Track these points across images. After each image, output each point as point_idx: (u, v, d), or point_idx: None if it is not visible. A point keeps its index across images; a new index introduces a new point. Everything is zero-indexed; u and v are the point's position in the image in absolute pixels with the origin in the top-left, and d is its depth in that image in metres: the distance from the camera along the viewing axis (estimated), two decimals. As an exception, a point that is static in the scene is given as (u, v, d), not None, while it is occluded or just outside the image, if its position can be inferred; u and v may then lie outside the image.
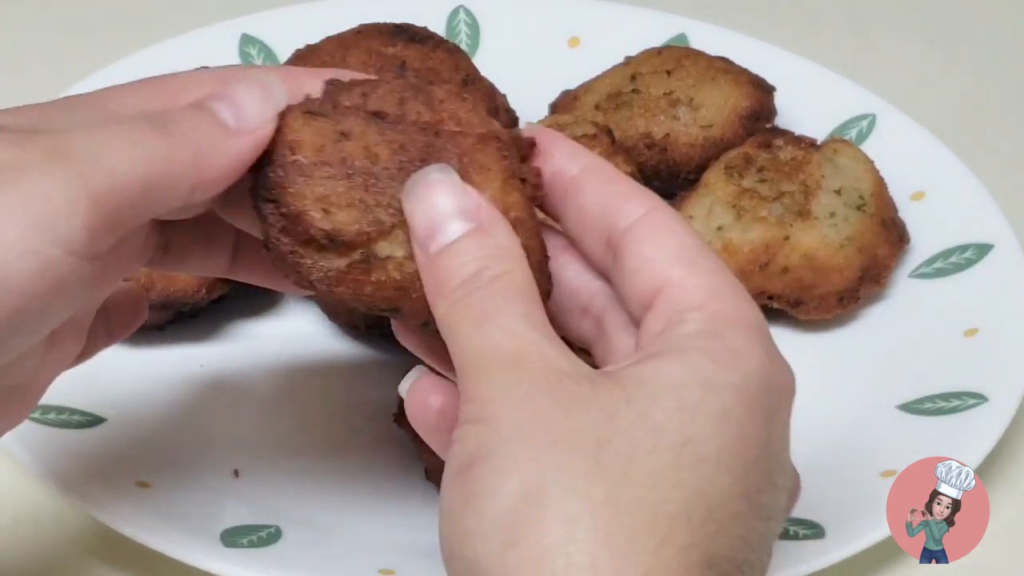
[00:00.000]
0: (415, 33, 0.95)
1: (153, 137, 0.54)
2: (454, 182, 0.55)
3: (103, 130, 0.54)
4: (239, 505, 0.76)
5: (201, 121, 0.55)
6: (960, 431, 0.80)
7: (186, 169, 0.54)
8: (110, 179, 0.52)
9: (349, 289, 0.56)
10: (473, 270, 0.54)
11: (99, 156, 0.52)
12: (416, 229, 0.55)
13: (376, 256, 0.55)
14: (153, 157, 0.53)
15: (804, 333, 0.91)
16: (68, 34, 1.14)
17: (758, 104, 0.97)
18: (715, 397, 0.51)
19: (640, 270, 0.55)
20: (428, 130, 0.57)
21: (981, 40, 1.19)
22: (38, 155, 0.52)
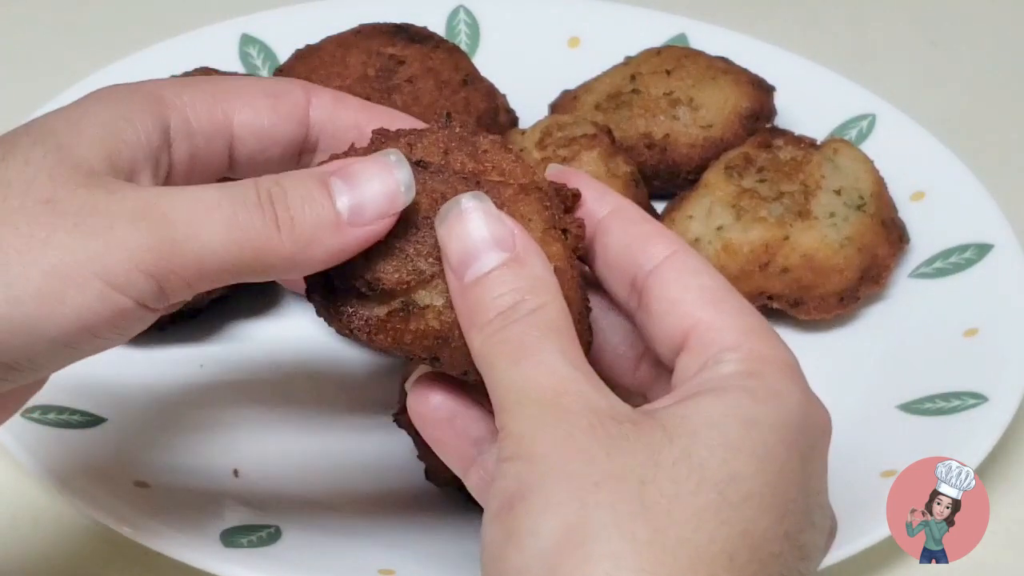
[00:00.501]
0: (415, 33, 0.95)
1: (256, 218, 0.53)
2: (489, 210, 0.55)
3: (206, 198, 0.53)
4: (239, 505, 0.76)
5: (315, 208, 0.54)
6: (960, 431, 0.80)
7: (280, 255, 0.54)
8: (199, 251, 0.53)
9: (389, 337, 0.56)
10: (509, 302, 0.54)
11: (194, 227, 0.53)
12: (450, 256, 0.54)
13: (416, 305, 0.55)
14: (251, 241, 0.53)
15: (804, 333, 0.91)
16: (68, 34, 1.14)
17: (758, 104, 0.97)
18: (757, 434, 0.51)
19: (669, 312, 0.56)
20: (470, 179, 0.57)
21: (981, 40, 1.19)
22: (130, 208, 0.53)
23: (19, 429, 0.76)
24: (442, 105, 0.91)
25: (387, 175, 0.55)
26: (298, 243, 0.54)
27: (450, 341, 0.56)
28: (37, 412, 0.77)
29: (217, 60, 0.98)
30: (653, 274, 0.57)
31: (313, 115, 0.61)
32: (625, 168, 0.92)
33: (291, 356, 0.86)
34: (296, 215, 0.54)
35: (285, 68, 0.95)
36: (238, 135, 0.60)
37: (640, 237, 0.58)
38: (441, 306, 0.55)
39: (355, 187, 0.54)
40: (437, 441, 0.58)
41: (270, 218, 0.53)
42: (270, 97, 0.60)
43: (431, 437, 0.58)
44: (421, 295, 0.56)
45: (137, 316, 0.54)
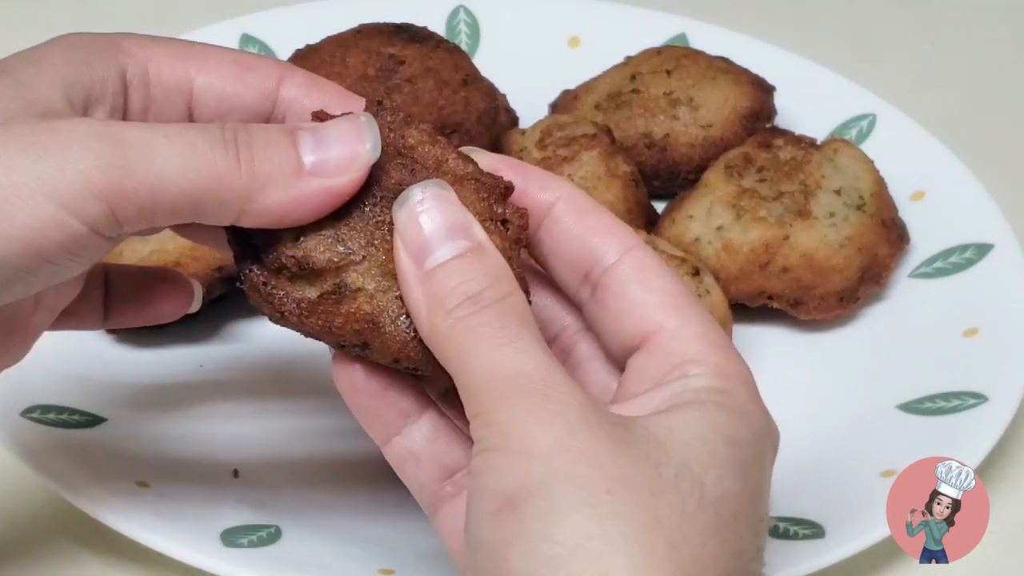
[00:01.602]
0: (415, 33, 0.95)
1: (217, 154, 0.53)
2: (451, 198, 0.55)
3: (167, 130, 0.54)
4: (239, 505, 0.76)
5: (277, 151, 0.54)
6: (960, 431, 0.80)
7: (237, 194, 0.54)
8: (153, 179, 0.53)
9: (320, 320, 0.55)
10: (477, 288, 0.53)
11: (152, 155, 0.53)
12: (408, 242, 0.54)
13: (348, 287, 0.55)
14: (207, 174, 0.53)
15: (804, 333, 0.91)
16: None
17: (758, 104, 0.97)
18: (737, 452, 0.52)
19: (629, 313, 0.56)
20: (405, 167, 0.57)
21: (981, 40, 1.19)
22: (88, 132, 0.53)
23: (19, 429, 0.76)
24: (442, 105, 0.91)
25: (355, 131, 0.55)
26: (255, 180, 0.53)
27: (381, 327, 0.55)
28: (37, 412, 0.77)
29: (217, 60, 0.98)
30: (611, 271, 0.56)
31: (284, 92, 0.61)
32: (625, 168, 0.92)
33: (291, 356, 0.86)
34: (258, 156, 0.54)
35: (285, 68, 0.95)
36: (198, 95, 0.60)
37: (595, 229, 0.57)
38: (373, 290, 0.55)
39: (321, 140, 0.55)
40: (363, 408, 0.57)
41: (231, 154, 0.53)
42: (239, 66, 0.60)
43: (357, 404, 0.57)
44: (353, 277, 0.55)
45: (92, 243, 0.53)
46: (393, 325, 0.55)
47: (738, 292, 0.89)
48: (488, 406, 0.51)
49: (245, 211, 0.54)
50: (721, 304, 0.85)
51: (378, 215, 0.56)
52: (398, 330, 0.55)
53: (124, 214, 0.53)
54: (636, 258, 0.57)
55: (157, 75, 0.59)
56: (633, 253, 0.57)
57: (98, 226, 0.53)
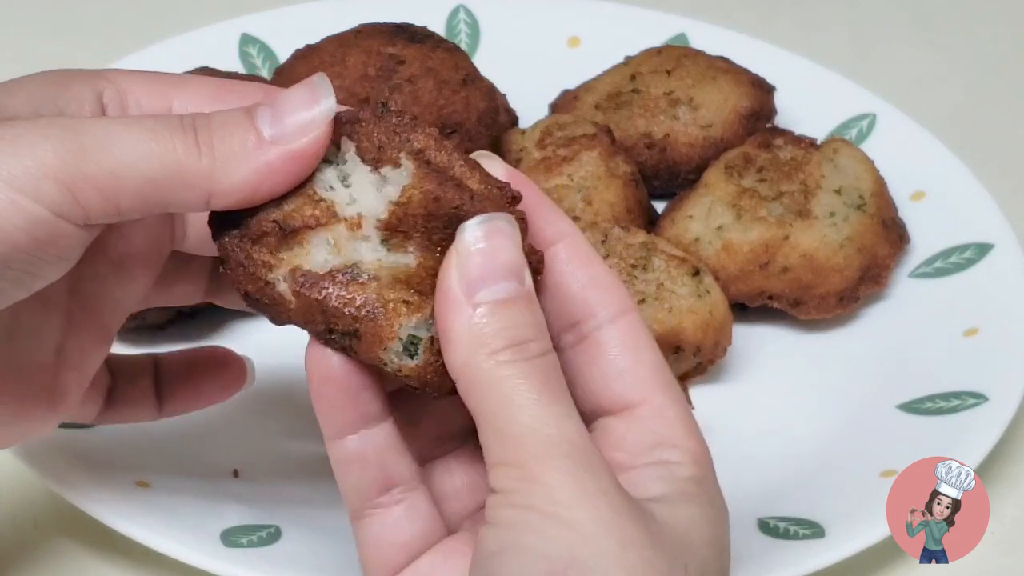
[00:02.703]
0: (415, 33, 0.95)
1: (176, 139, 0.54)
2: (516, 238, 0.55)
3: (126, 119, 0.54)
4: (239, 505, 0.76)
5: (236, 129, 0.55)
6: (960, 431, 0.80)
7: (200, 176, 0.54)
8: (113, 163, 0.53)
9: (319, 295, 0.55)
10: (523, 338, 0.53)
11: (109, 141, 0.53)
12: (467, 268, 0.54)
13: (363, 272, 0.55)
14: (166, 157, 0.53)
15: (804, 333, 0.91)
16: (68, 34, 1.14)
17: (758, 104, 0.97)
18: (720, 533, 0.56)
19: (618, 378, 0.57)
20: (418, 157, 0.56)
21: (981, 40, 1.19)
22: (45, 123, 0.53)
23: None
24: (442, 105, 0.91)
25: (308, 93, 0.55)
26: (217, 160, 0.54)
27: (377, 321, 0.55)
28: (37, 412, 0.77)
29: (217, 60, 0.98)
30: (605, 330, 0.57)
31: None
32: (625, 168, 0.92)
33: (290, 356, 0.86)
34: (216, 136, 0.54)
35: (285, 68, 0.95)
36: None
37: (596, 282, 0.57)
38: (385, 283, 0.55)
39: (277, 110, 0.55)
40: (328, 400, 0.56)
41: (191, 139, 0.54)
42: (218, 88, 0.60)
43: (323, 393, 0.57)
44: (367, 264, 0.55)
45: (61, 231, 0.53)
46: (392, 326, 0.55)
47: (738, 292, 0.89)
48: (529, 462, 0.52)
49: (214, 192, 0.54)
50: (721, 304, 0.85)
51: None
52: (392, 333, 0.55)
53: (85, 197, 0.53)
54: (632, 324, 0.57)
55: (135, 99, 0.59)
56: (629, 318, 0.57)
57: (60, 209, 0.53)
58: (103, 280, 0.63)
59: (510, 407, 0.53)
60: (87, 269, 0.62)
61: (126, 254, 0.63)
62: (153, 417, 0.70)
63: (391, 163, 0.56)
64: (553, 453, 0.52)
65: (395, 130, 0.57)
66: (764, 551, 0.74)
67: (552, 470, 0.52)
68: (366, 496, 0.57)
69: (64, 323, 0.62)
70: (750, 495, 0.80)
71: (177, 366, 0.70)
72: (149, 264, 0.64)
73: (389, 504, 0.57)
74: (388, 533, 0.57)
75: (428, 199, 0.55)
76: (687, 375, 0.86)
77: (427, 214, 0.55)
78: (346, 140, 0.56)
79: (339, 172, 0.56)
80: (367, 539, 0.58)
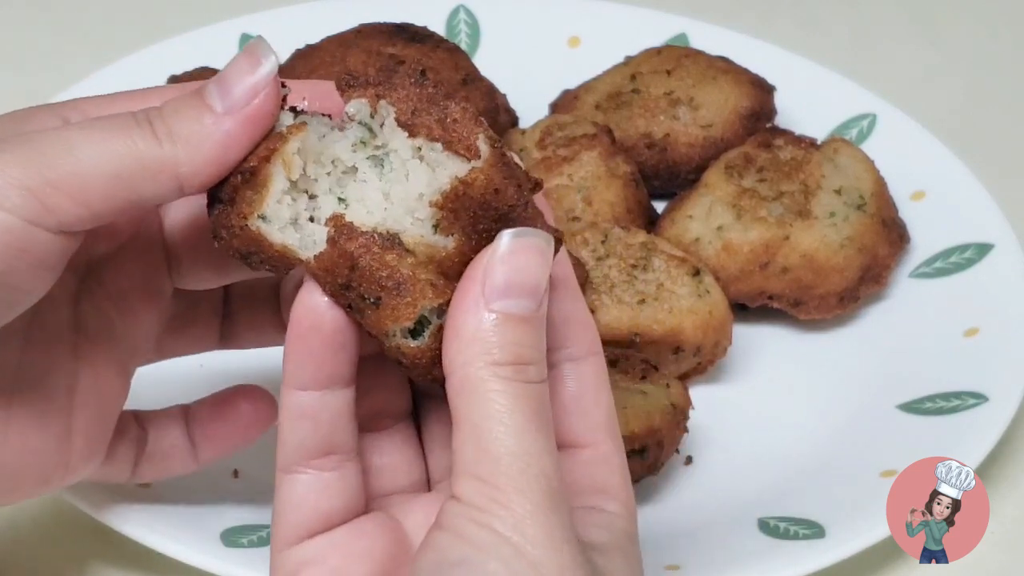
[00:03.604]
0: (415, 33, 0.95)
1: (134, 134, 0.54)
2: (549, 258, 0.55)
3: (81, 125, 0.55)
4: (239, 505, 0.76)
5: (189, 111, 0.55)
6: (960, 431, 0.80)
7: (165, 162, 0.54)
8: (75, 166, 0.54)
9: (350, 248, 0.55)
10: (527, 358, 0.54)
11: (68, 145, 0.54)
12: (496, 274, 0.54)
13: (402, 243, 0.55)
14: (128, 153, 0.54)
15: (804, 333, 0.91)
16: (68, 34, 1.14)
17: (758, 104, 0.97)
18: None
19: (574, 413, 0.58)
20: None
21: (981, 40, 1.19)
22: (4, 141, 0.54)
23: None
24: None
25: (250, 58, 0.56)
26: (177, 144, 0.54)
27: (403, 297, 0.54)
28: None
29: (217, 60, 0.98)
30: (574, 366, 0.58)
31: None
32: (625, 168, 0.92)
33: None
34: (171, 122, 0.55)
35: (285, 68, 0.95)
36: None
37: (575, 319, 0.58)
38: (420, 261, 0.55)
39: (224, 83, 0.56)
40: (306, 349, 0.56)
41: (147, 131, 0.55)
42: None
43: (305, 341, 0.56)
44: (407, 238, 0.55)
45: (35, 238, 0.54)
46: (415, 305, 0.54)
47: (738, 292, 0.89)
48: (504, 486, 0.52)
49: (182, 175, 0.55)
50: (721, 304, 0.85)
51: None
52: (412, 313, 0.55)
53: (54, 202, 0.53)
54: (597, 366, 0.58)
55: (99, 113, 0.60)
56: (598, 359, 0.58)
57: (29, 216, 0.53)
58: (106, 315, 0.64)
59: (497, 424, 0.53)
60: (87, 304, 0.63)
61: (125, 288, 0.64)
62: (191, 468, 0.70)
63: (464, 143, 0.55)
64: (531, 486, 0.52)
65: (429, 98, 0.57)
66: (764, 551, 0.74)
67: (526, 503, 0.52)
68: (305, 455, 0.57)
69: (72, 360, 0.62)
70: (750, 495, 0.80)
71: (207, 412, 0.69)
72: (150, 298, 0.64)
73: (323, 468, 0.57)
74: (314, 497, 0.57)
75: (490, 189, 0.55)
76: (687, 375, 0.86)
77: (483, 203, 0.55)
78: (385, 104, 0.56)
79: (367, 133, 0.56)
80: (291, 497, 0.58)
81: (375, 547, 0.57)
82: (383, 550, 0.57)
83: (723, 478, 0.82)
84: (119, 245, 0.63)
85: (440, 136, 0.56)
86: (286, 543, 0.57)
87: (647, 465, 0.77)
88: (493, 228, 0.55)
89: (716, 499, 0.80)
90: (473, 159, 0.55)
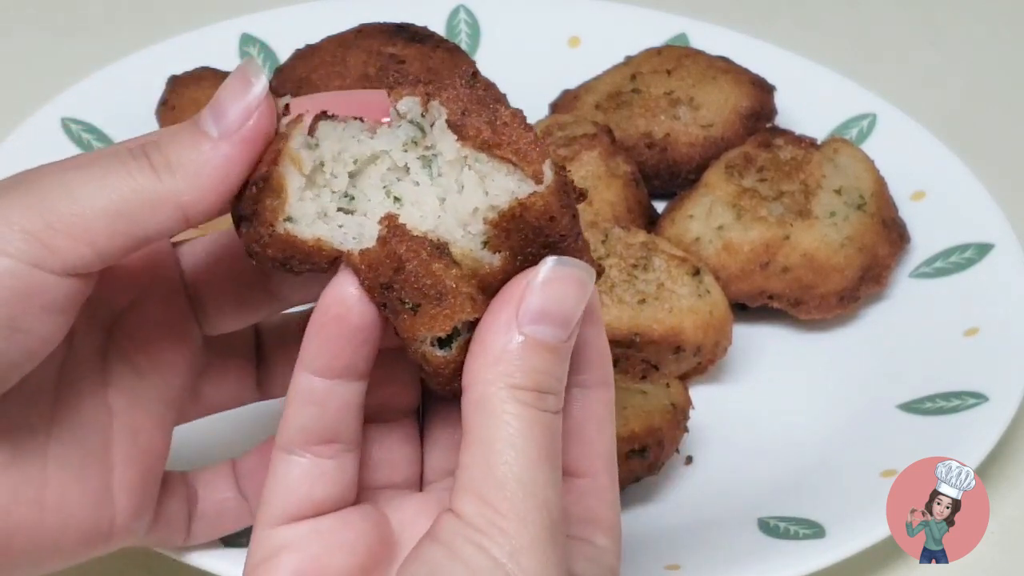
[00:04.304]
0: (415, 33, 0.95)
1: (132, 169, 0.54)
2: (588, 294, 0.55)
3: (78, 160, 0.55)
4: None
5: (185, 140, 0.55)
6: (960, 431, 0.80)
7: (166, 194, 0.54)
8: (75, 207, 0.53)
9: (398, 250, 0.54)
10: (547, 386, 0.53)
11: (67, 187, 0.54)
12: (532, 298, 0.53)
13: (449, 253, 0.54)
14: (128, 189, 0.54)
15: (804, 333, 0.91)
16: (68, 34, 1.14)
17: (758, 104, 0.97)
18: None
19: (577, 443, 0.57)
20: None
21: (981, 40, 1.19)
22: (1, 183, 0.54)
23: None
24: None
25: (240, 80, 0.56)
26: (175, 175, 0.54)
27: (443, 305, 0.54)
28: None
29: (217, 60, 0.98)
30: (583, 395, 0.58)
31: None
32: (625, 168, 0.92)
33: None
34: (168, 153, 0.55)
35: (285, 68, 0.95)
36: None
37: (594, 344, 0.58)
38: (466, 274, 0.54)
39: (217, 107, 0.55)
40: (329, 335, 0.56)
41: (144, 164, 0.54)
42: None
43: (327, 326, 0.56)
44: (457, 249, 0.54)
45: (41, 281, 0.53)
46: (451, 318, 0.54)
47: (738, 292, 0.89)
48: (506, 511, 0.52)
49: (185, 206, 0.55)
50: (721, 304, 0.85)
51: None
52: (447, 325, 0.54)
53: (57, 244, 0.53)
54: (606, 396, 0.58)
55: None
56: (607, 390, 0.58)
57: (32, 259, 0.53)
58: (136, 367, 0.63)
59: (508, 448, 0.52)
60: (115, 357, 0.62)
61: (152, 337, 0.63)
62: (247, 522, 0.69)
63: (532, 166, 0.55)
64: (533, 516, 0.52)
65: (479, 99, 0.56)
66: (764, 551, 0.74)
67: (526, 533, 0.52)
68: (306, 439, 0.57)
69: (106, 415, 0.62)
70: (750, 495, 0.80)
71: (253, 464, 0.69)
72: (179, 345, 0.63)
73: (322, 455, 0.57)
74: (308, 482, 0.57)
75: (546, 215, 0.54)
76: (687, 375, 0.86)
77: (536, 227, 0.54)
78: (437, 105, 0.56)
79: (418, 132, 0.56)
80: (285, 478, 0.57)
81: (359, 540, 0.57)
82: (366, 544, 0.57)
83: (723, 478, 0.82)
84: (140, 293, 0.62)
85: (490, 139, 0.55)
86: (271, 522, 0.57)
87: (647, 465, 0.77)
88: (540, 253, 0.55)
89: (716, 499, 0.80)
90: (537, 182, 0.54)
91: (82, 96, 0.97)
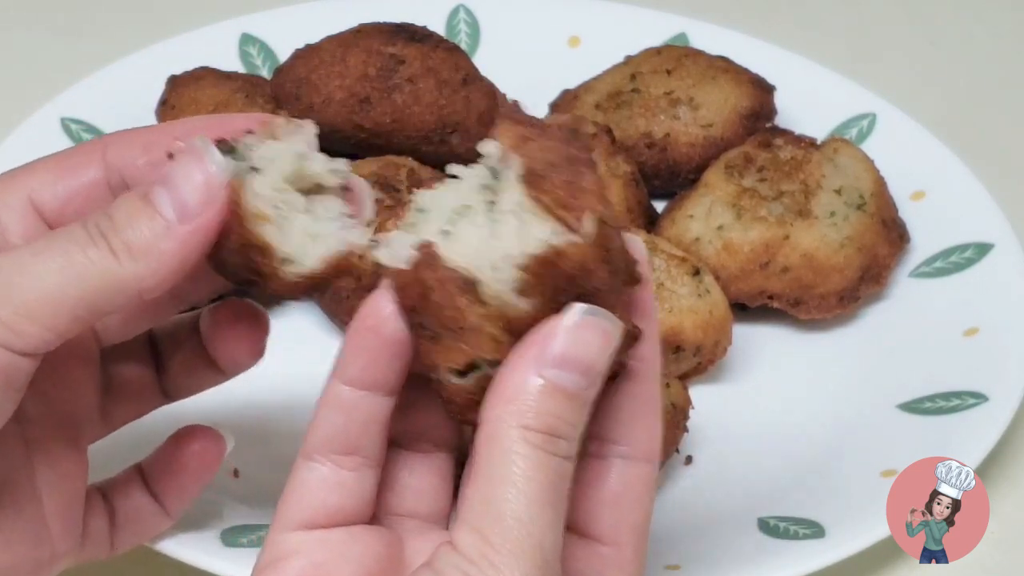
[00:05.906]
0: (415, 33, 0.95)
1: (91, 254, 0.55)
2: (613, 345, 0.54)
3: (35, 247, 0.55)
4: (239, 505, 0.76)
5: (141, 220, 0.55)
6: (960, 431, 0.80)
7: (127, 280, 0.55)
8: (36, 295, 0.54)
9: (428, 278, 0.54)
10: (560, 431, 0.53)
11: (26, 275, 0.55)
12: (555, 343, 0.53)
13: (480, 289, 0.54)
14: (88, 275, 0.55)
15: (804, 333, 0.91)
16: (68, 34, 1.14)
17: (758, 103, 0.97)
18: None
19: (613, 514, 0.57)
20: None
21: (981, 40, 1.19)
22: None
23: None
24: (442, 104, 0.91)
25: (195, 161, 0.56)
26: (139, 263, 0.55)
27: (464, 340, 0.54)
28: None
29: (217, 60, 0.98)
30: (623, 466, 0.58)
31: (112, 160, 0.61)
32: (625, 168, 0.92)
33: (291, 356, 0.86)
34: (126, 236, 0.55)
35: (285, 68, 0.95)
36: (42, 211, 0.61)
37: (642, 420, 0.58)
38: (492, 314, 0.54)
39: (174, 187, 0.55)
40: (362, 345, 0.56)
41: (103, 248, 0.55)
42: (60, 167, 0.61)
43: (362, 336, 0.56)
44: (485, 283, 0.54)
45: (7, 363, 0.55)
46: (469, 354, 0.54)
47: (738, 292, 0.89)
48: (500, 547, 0.52)
49: (146, 289, 0.55)
50: (721, 304, 0.85)
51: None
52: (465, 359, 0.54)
53: (20, 328, 0.55)
54: (648, 475, 0.58)
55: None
56: (650, 468, 0.58)
57: (3, 343, 0.54)
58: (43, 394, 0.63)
59: (510, 487, 0.52)
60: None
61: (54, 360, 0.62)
62: (166, 524, 0.69)
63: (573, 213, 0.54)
64: (526, 555, 0.52)
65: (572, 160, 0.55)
66: (764, 551, 0.74)
67: (517, 570, 0.51)
68: (329, 447, 0.57)
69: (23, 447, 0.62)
70: (750, 495, 0.80)
71: (159, 466, 0.69)
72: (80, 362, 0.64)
73: (343, 466, 0.57)
74: (325, 490, 0.57)
75: (582, 267, 0.53)
76: (687, 375, 0.86)
77: (570, 277, 0.53)
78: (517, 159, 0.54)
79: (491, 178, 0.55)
80: (304, 483, 0.58)
81: (366, 555, 0.57)
82: (374, 561, 0.57)
83: (723, 478, 0.82)
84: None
85: (560, 199, 0.54)
86: (284, 526, 0.58)
87: (647, 465, 0.77)
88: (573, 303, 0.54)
89: (716, 499, 0.80)
90: (576, 232, 0.53)
91: (82, 96, 0.97)
